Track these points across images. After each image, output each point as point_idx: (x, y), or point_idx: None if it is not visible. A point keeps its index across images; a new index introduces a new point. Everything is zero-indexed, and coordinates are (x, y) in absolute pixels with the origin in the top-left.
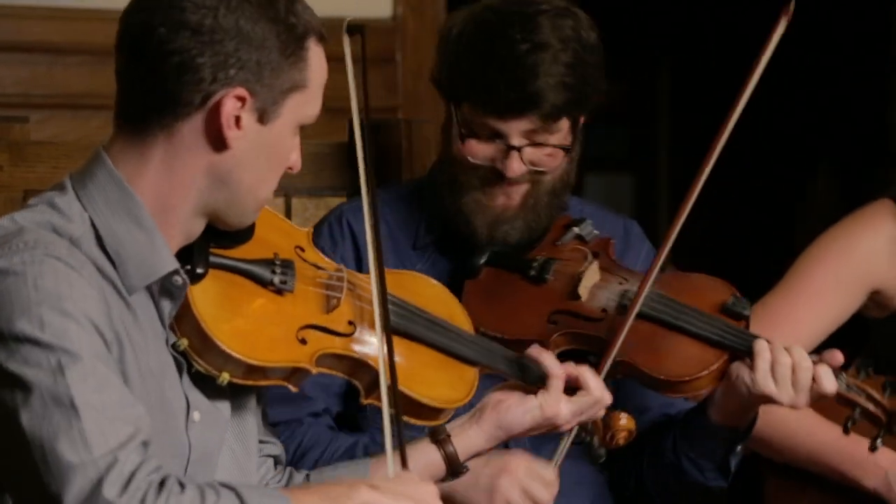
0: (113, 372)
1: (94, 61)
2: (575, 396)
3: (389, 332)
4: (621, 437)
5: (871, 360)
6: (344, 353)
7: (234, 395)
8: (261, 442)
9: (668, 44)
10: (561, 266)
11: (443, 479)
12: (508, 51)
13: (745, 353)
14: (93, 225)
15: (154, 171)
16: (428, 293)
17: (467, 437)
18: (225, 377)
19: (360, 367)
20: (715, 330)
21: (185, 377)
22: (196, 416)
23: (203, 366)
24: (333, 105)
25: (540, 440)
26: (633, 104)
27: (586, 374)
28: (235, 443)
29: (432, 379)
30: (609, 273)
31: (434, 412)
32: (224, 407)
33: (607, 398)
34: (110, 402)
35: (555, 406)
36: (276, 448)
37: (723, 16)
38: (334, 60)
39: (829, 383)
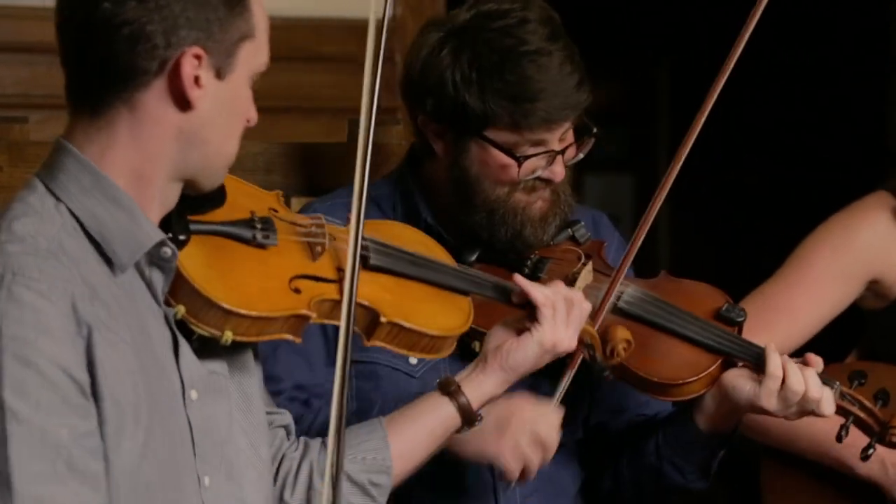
0: (69, 434)
1: None
2: (544, 309)
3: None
4: (621, 348)
5: (864, 373)
6: (338, 298)
7: (235, 367)
8: (269, 413)
9: (667, 44)
10: (554, 266)
11: (458, 431)
12: (536, 66)
13: (740, 360)
14: (72, 214)
15: (123, 147)
16: (406, 235)
17: (478, 385)
18: (228, 336)
19: (356, 308)
20: (709, 335)
21: (183, 354)
22: (193, 394)
23: (204, 328)
24: (333, 105)
25: (536, 379)
26: (632, 105)
27: (543, 287)
28: (243, 419)
29: (428, 310)
30: (601, 274)
31: (435, 342)
32: (223, 381)
33: (577, 295)
34: (54, 475)
35: (551, 334)
36: (286, 417)
37: (721, 15)
38: (331, 60)
39: (829, 408)
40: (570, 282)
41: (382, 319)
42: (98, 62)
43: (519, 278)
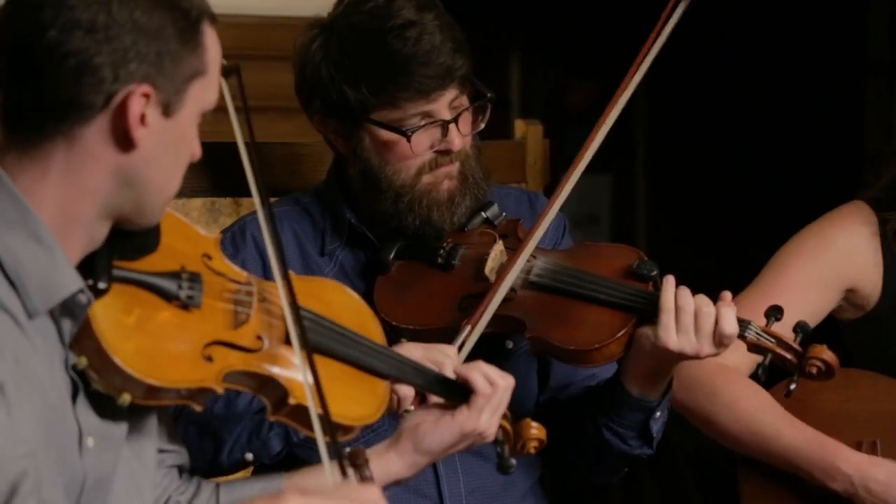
0: None
1: None
2: (480, 398)
3: (311, 351)
4: (531, 447)
5: (780, 309)
6: (250, 370)
7: (133, 414)
8: (162, 451)
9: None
10: (467, 251)
11: None
12: (402, 39)
13: (653, 312)
14: None
15: (54, 182)
16: (338, 301)
17: (386, 464)
18: (126, 398)
19: (267, 383)
20: (619, 293)
21: (80, 400)
22: (90, 441)
23: (102, 386)
24: None
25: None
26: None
27: (482, 368)
28: (134, 460)
29: (341, 394)
30: (515, 254)
31: (342, 429)
32: (120, 428)
33: (510, 381)
34: None
35: (475, 421)
36: (180, 457)
37: (696, 15)
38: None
39: (730, 325)
40: (481, 263)
41: (291, 401)
42: (39, 91)
43: (456, 367)
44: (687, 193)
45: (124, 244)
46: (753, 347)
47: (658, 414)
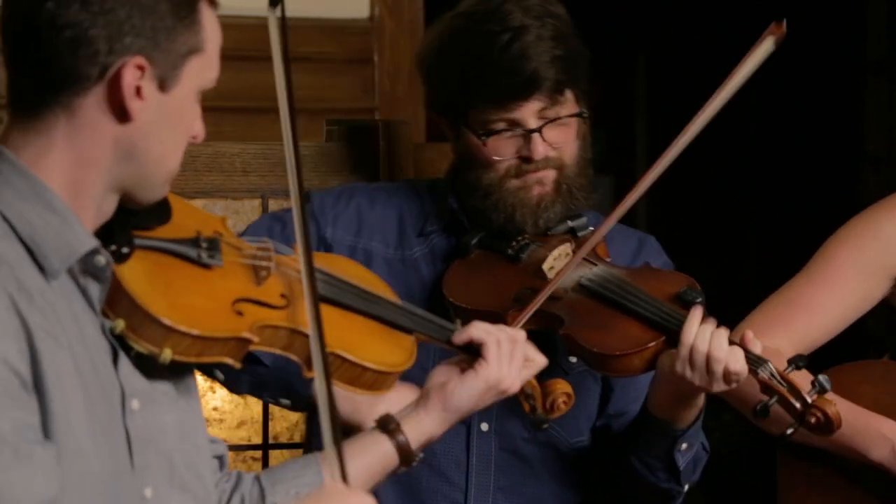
0: (12, 426)
1: None
2: (490, 348)
3: (317, 300)
4: (561, 402)
5: (804, 357)
6: (280, 325)
7: (176, 373)
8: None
9: (644, 45)
10: (538, 248)
11: (395, 470)
12: (491, 44)
13: (679, 338)
14: (4, 219)
15: (59, 153)
16: (352, 271)
17: (418, 424)
18: (167, 354)
19: (296, 337)
20: (654, 311)
21: (122, 364)
22: (134, 403)
23: (143, 345)
24: (309, 106)
25: (507, 410)
26: (611, 106)
27: (478, 324)
28: (187, 417)
29: (370, 344)
30: (584, 259)
31: (377, 377)
32: (165, 388)
33: (513, 332)
34: (2, 465)
35: (497, 371)
36: (221, 447)
37: (698, 15)
38: (308, 60)
39: (739, 365)
40: (543, 260)
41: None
42: (38, 64)
43: (466, 326)
44: (687, 193)
45: (138, 217)
46: (763, 387)
47: (684, 445)
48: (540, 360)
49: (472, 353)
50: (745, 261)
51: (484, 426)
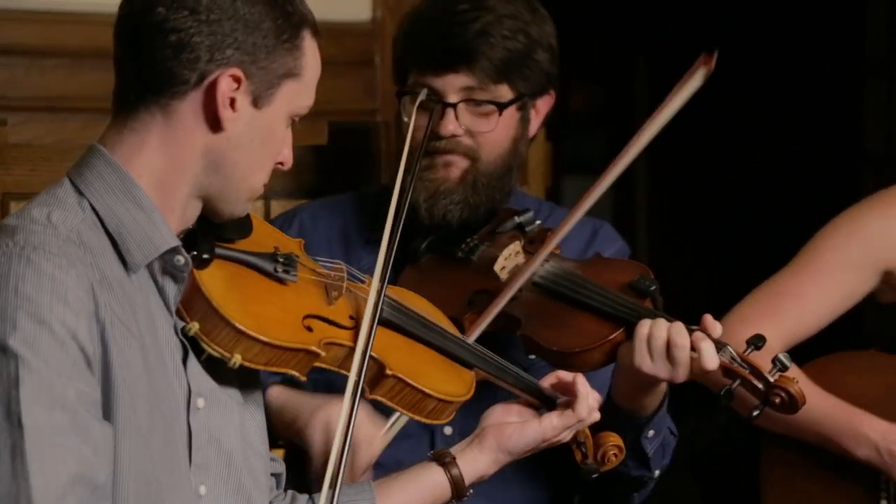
0: (76, 395)
1: (71, 64)
2: (575, 419)
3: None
4: (612, 454)
5: (763, 338)
6: (346, 344)
7: (243, 379)
8: None
9: (644, 45)
10: (487, 249)
11: (446, 503)
12: (444, 9)
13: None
14: (93, 209)
15: (151, 152)
16: (418, 304)
17: (473, 461)
18: (237, 358)
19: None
20: (610, 303)
21: (192, 364)
22: (200, 402)
23: (215, 348)
24: (313, 109)
25: (469, 413)
26: (610, 108)
27: (592, 395)
28: (248, 421)
29: (434, 373)
30: (533, 255)
31: (437, 406)
32: (231, 392)
33: (594, 398)
34: (60, 426)
35: (559, 433)
36: (279, 466)
37: (699, 16)
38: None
39: (711, 360)
40: (493, 261)
41: (388, 371)
42: (143, 63)
43: (560, 373)
44: (686, 194)
45: (221, 229)
46: (725, 371)
47: (651, 433)
48: (595, 416)
49: (543, 400)
50: (743, 258)
51: (448, 430)
